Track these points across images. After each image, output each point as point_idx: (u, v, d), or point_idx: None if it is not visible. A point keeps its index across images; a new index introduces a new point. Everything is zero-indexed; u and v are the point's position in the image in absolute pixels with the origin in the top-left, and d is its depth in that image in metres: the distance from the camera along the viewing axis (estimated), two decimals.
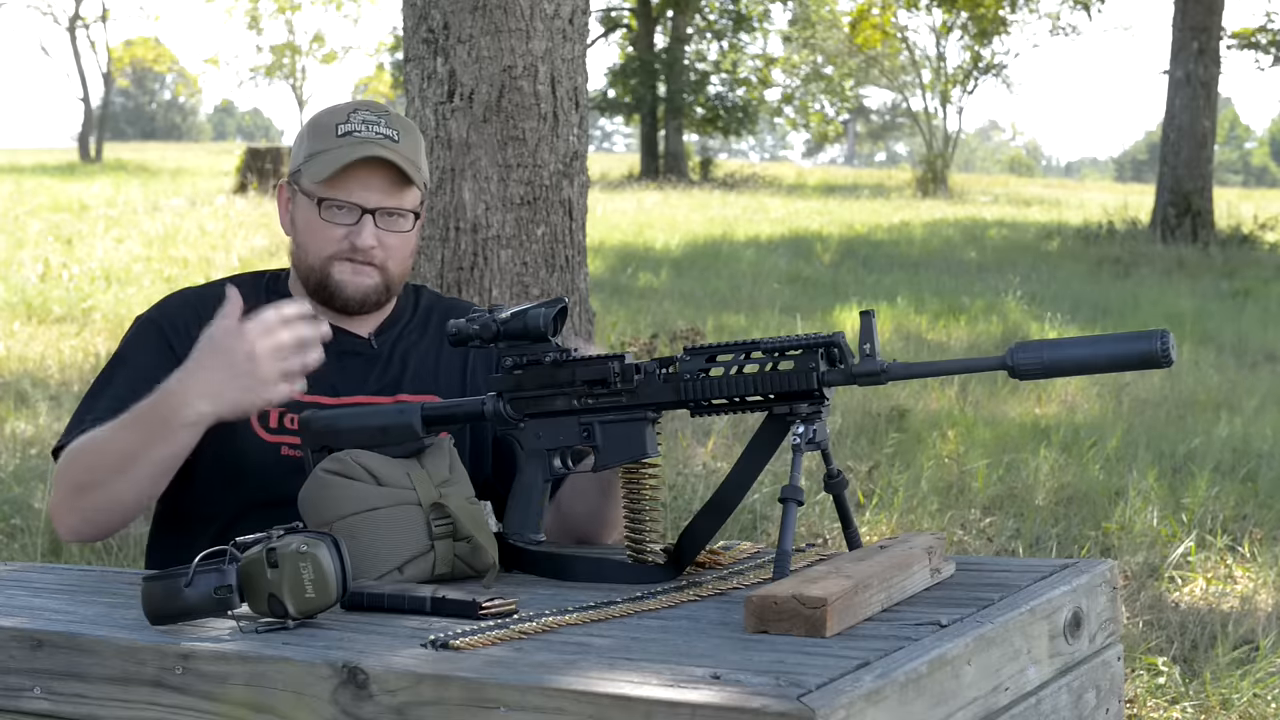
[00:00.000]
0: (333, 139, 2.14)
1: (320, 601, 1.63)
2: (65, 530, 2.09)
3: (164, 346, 2.15)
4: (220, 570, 1.63)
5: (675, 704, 1.28)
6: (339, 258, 2.16)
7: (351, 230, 2.14)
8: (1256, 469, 5.85)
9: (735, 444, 5.94)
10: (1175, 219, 17.18)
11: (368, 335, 2.23)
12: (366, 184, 2.13)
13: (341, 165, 2.11)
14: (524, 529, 1.91)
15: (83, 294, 10.52)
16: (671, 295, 11.44)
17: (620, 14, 33.68)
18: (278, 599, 1.62)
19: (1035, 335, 9.86)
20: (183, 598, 1.61)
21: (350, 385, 2.17)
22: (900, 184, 31.32)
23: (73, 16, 41.00)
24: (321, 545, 1.64)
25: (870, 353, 1.69)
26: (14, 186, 20.69)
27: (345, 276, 2.16)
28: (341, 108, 2.19)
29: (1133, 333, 1.61)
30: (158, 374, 2.04)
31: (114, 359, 2.21)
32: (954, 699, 1.44)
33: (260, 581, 1.62)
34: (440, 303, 2.35)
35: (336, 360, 2.15)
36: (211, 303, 2.13)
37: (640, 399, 1.83)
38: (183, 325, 2.16)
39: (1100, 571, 1.81)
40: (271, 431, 2.12)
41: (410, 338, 2.26)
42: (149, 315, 2.23)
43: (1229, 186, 43.05)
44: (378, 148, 2.12)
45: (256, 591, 1.62)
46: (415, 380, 2.22)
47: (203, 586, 1.62)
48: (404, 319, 2.28)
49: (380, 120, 2.15)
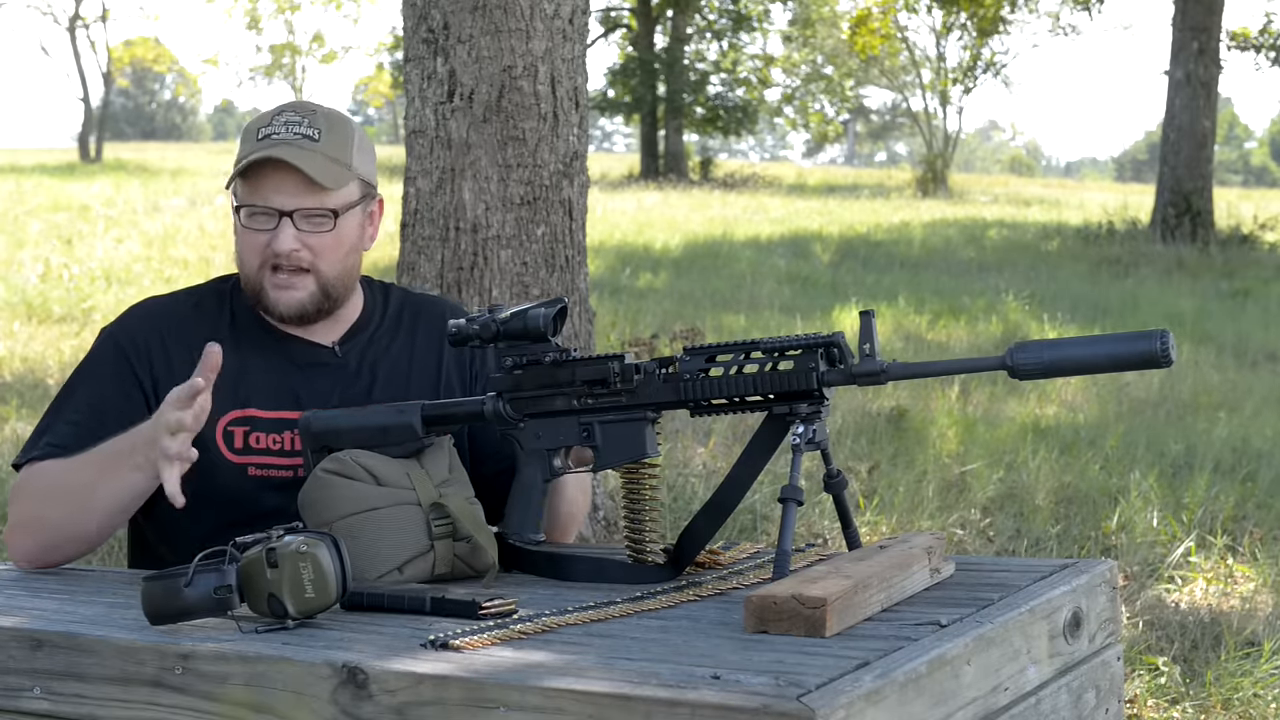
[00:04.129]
0: (254, 143, 2.07)
1: (320, 601, 1.63)
2: (20, 555, 2.05)
3: (123, 365, 2.10)
4: (220, 570, 1.62)
5: (675, 703, 1.28)
6: (266, 267, 2.08)
7: (272, 235, 2.06)
8: (1256, 469, 5.85)
9: (735, 444, 5.94)
10: (1175, 219, 17.18)
11: (332, 344, 2.17)
12: (279, 186, 2.05)
13: (243, 166, 2.04)
14: (524, 529, 1.90)
15: (83, 294, 10.52)
16: (671, 295, 11.44)
17: (620, 14, 33.67)
18: (277, 599, 1.61)
19: (1035, 335, 9.86)
20: (182, 597, 1.61)
21: (315, 399, 2.10)
22: (900, 184, 31.31)
23: (73, 16, 40.97)
24: (321, 545, 1.63)
25: (870, 353, 1.70)
26: (14, 186, 20.68)
27: (276, 294, 2.09)
28: (270, 111, 2.12)
29: (1132, 333, 1.61)
30: (116, 396, 2.05)
31: (76, 375, 2.15)
32: (953, 699, 1.44)
33: (260, 581, 1.62)
34: (410, 299, 2.28)
35: (300, 373, 2.13)
36: (175, 320, 2.13)
37: (640, 399, 1.83)
38: (143, 342, 2.11)
39: (1100, 571, 1.82)
40: (237, 452, 2.07)
41: (380, 343, 2.19)
42: (111, 331, 2.16)
43: (1229, 186, 43.05)
44: (285, 148, 2.03)
45: (256, 591, 1.62)
46: (385, 388, 2.15)
47: (202, 586, 1.61)
48: (373, 323, 2.21)
49: (303, 120, 2.07)
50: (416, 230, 4.01)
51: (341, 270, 2.12)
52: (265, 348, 2.14)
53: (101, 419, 2.05)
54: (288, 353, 2.14)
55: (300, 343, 2.15)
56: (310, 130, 2.07)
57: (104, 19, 48.82)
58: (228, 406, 2.07)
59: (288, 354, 2.14)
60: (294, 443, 2.08)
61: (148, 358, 2.10)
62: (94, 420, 2.06)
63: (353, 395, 2.13)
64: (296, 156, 2.03)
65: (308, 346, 2.15)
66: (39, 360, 7.88)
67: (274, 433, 2.09)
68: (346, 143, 2.10)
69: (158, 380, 2.09)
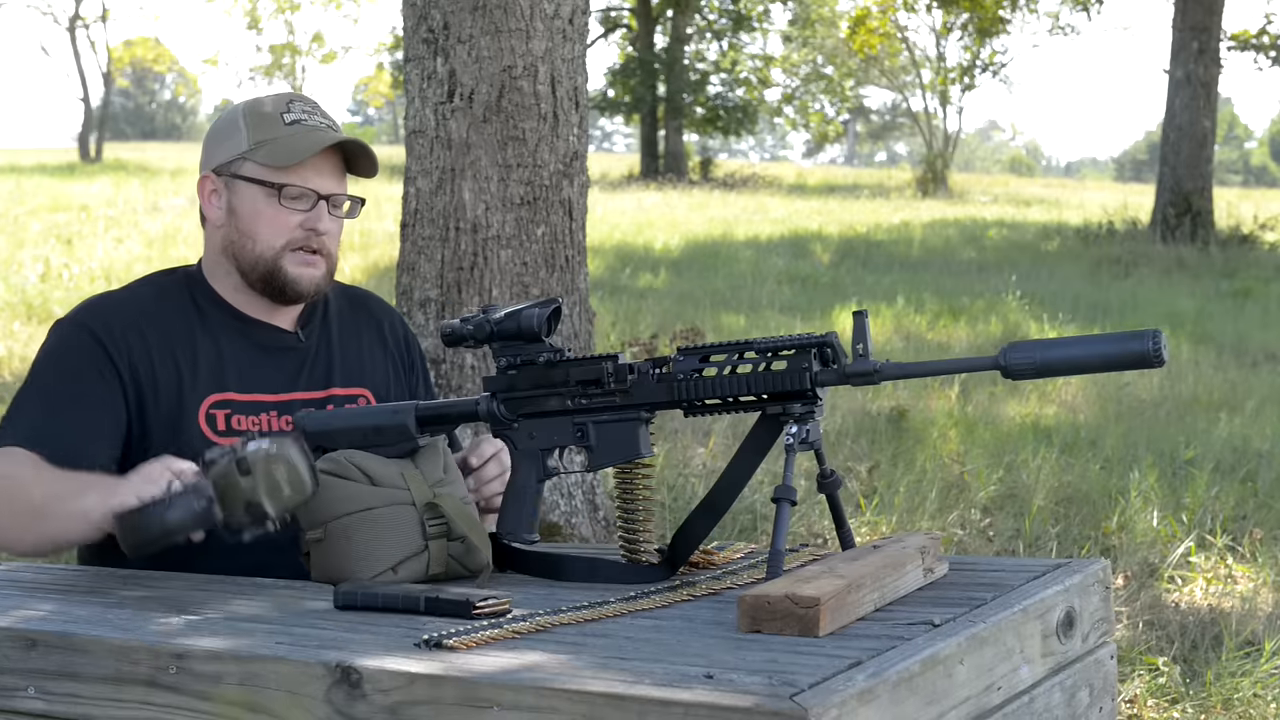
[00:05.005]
0: (281, 127, 2.14)
1: (298, 497, 1.69)
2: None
3: (99, 354, 2.09)
4: (196, 487, 1.67)
5: (668, 703, 1.28)
6: (293, 247, 2.15)
7: (309, 216, 2.14)
8: (1256, 469, 5.85)
9: (734, 444, 5.94)
10: (1175, 219, 17.17)
11: (293, 329, 2.23)
12: (320, 170, 2.14)
13: (312, 152, 2.11)
14: (518, 529, 1.91)
15: (83, 294, 10.50)
16: (671, 295, 11.44)
17: (620, 14, 33.67)
18: (256, 504, 1.66)
19: (1035, 335, 9.86)
20: (166, 521, 1.66)
21: (283, 383, 2.17)
22: (900, 184, 31.30)
23: (73, 16, 40.94)
24: (288, 442, 1.70)
25: (863, 353, 1.70)
26: (14, 186, 20.68)
27: (297, 270, 2.15)
28: (277, 98, 2.19)
29: (1125, 332, 1.61)
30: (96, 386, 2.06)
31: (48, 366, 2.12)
32: (946, 698, 1.44)
33: (235, 491, 1.67)
34: (344, 289, 2.34)
35: (268, 357, 2.18)
36: (145, 310, 2.14)
37: (634, 399, 1.83)
38: (120, 332, 2.11)
39: (1093, 571, 1.82)
40: (220, 434, 2.10)
41: (332, 327, 2.27)
42: (80, 321, 2.13)
43: (1229, 186, 43.01)
44: (334, 135, 2.15)
45: (232, 502, 1.67)
46: (344, 372, 2.23)
47: (183, 506, 1.66)
48: (319, 308, 2.27)
49: (316, 110, 2.18)
50: (416, 230, 4.02)
51: (337, 256, 2.22)
52: (235, 332, 2.18)
53: (82, 408, 2.07)
54: (254, 337, 2.19)
55: (265, 328, 2.20)
56: (329, 120, 2.19)
57: (104, 19, 48.83)
58: (209, 390, 2.12)
59: (254, 339, 2.19)
60: (271, 424, 2.13)
61: (126, 346, 2.10)
62: (76, 411, 2.06)
63: (316, 377, 2.20)
64: (357, 148, 2.15)
65: (272, 331, 2.21)
66: None
67: (253, 415, 2.13)
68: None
69: (136, 368, 2.10)
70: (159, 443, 2.07)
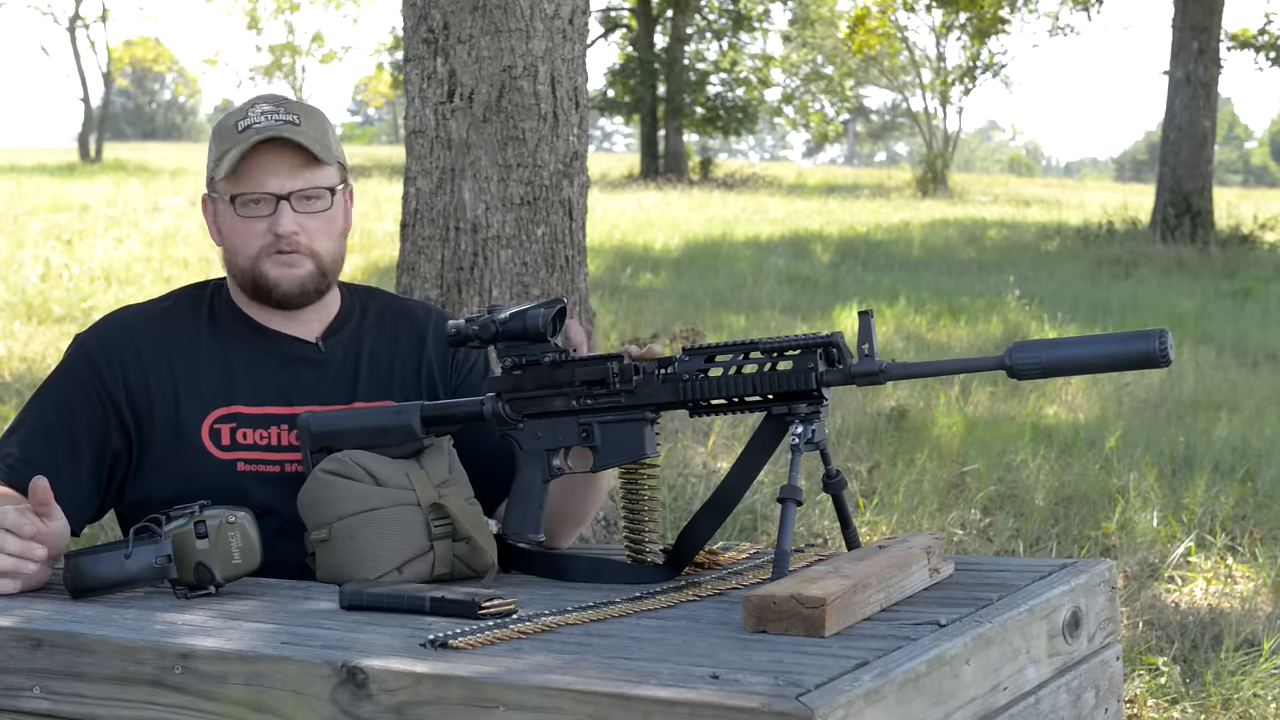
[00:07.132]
0: (234, 136, 2.09)
1: (246, 567, 1.81)
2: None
3: (91, 375, 2.10)
4: (157, 542, 1.78)
5: (674, 703, 1.28)
6: (266, 253, 2.10)
7: (270, 220, 2.08)
8: (1256, 469, 5.85)
9: (735, 444, 5.94)
10: (1175, 219, 17.17)
11: (315, 339, 2.17)
12: (273, 170, 2.07)
13: (241, 154, 2.06)
14: (523, 529, 1.91)
15: (83, 294, 10.52)
16: (671, 295, 11.44)
17: (620, 14, 33.67)
18: (205, 566, 1.78)
19: (1035, 335, 9.86)
20: (125, 568, 1.77)
21: (300, 394, 2.11)
22: (900, 184, 31.30)
23: (73, 16, 40.94)
24: (244, 514, 1.82)
25: (869, 353, 1.70)
26: (14, 186, 20.68)
27: (277, 272, 2.10)
28: (241, 106, 2.14)
29: (1131, 332, 1.61)
30: (80, 407, 2.07)
31: (47, 382, 2.15)
32: (953, 698, 1.44)
33: (189, 552, 1.78)
34: (395, 303, 2.29)
35: (285, 368, 2.13)
36: (147, 327, 2.13)
37: (639, 399, 1.83)
38: (115, 352, 2.11)
39: (1099, 571, 1.82)
40: (224, 449, 2.08)
41: (363, 340, 2.20)
42: (85, 339, 2.15)
43: (1229, 186, 43.01)
44: (273, 130, 2.06)
45: (185, 561, 1.78)
46: (369, 386, 2.16)
47: (143, 558, 1.77)
48: (353, 320, 2.21)
49: (279, 109, 2.11)
50: (416, 230, 4.01)
51: (334, 251, 2.15)
52: (249, 344, 2.14)
53: (65, 428, 2.08)
54: (272, 348, 2.15)
55: (284, 338, 2.16)
56: (289, 117, 2.10)
57: (104, 19, 48.77)
58: (214, 404, 2.09)
59: (272, 349, 2.15)
60: (280, 438, 2.09)
61: (120, 367, 2.10)
62: (57, 429, 2.08)
63: (337, 390, 2.14)
64: (293, 133, 2.07)
65: (292, 342, 2.16)
66: (39, 360, 7.88)
67: (261, 428, 2.09)
68: (325, 126, 2.14)
69: (131, 389, 2.09)
70: (160, 456, 2.08)
